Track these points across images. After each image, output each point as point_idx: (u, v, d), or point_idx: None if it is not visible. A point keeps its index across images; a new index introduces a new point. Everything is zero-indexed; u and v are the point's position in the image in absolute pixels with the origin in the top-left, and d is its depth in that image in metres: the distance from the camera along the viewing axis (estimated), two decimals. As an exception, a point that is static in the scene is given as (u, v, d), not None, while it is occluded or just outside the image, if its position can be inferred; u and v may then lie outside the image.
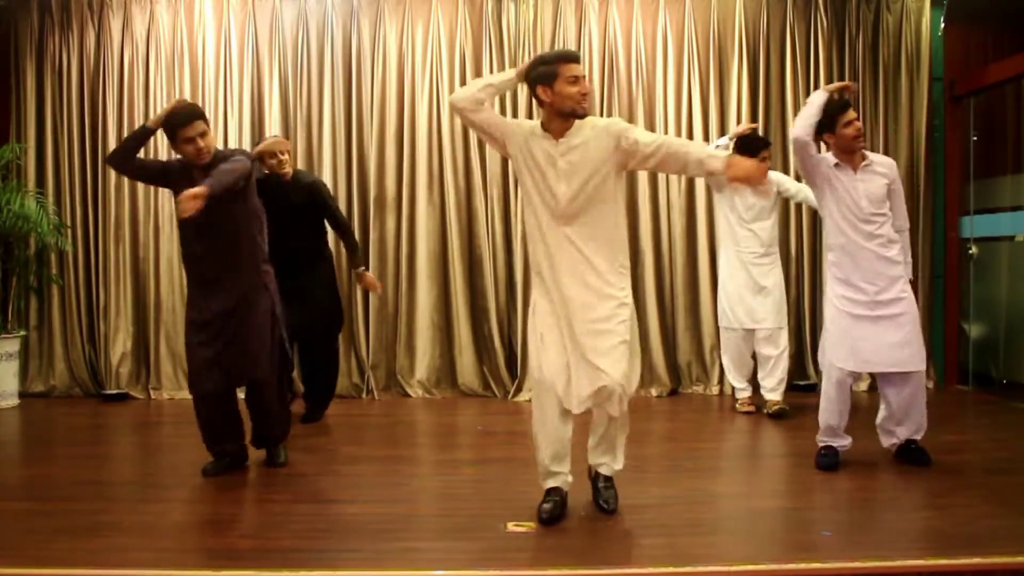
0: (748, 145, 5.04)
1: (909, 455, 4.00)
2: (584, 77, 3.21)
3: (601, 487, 3.42)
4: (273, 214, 4.46)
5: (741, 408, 5.39)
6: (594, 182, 3.14)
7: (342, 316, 5.28)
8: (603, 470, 3.42)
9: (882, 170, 3.97)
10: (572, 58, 3.18)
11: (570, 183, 3.14)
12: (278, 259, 4.31)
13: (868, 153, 4.03)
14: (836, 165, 3.94)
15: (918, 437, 3.99)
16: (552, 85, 3.12)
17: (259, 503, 3.52)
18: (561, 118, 3.16)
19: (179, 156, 3.85)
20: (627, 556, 2.84)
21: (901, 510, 3.44)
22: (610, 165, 3.15)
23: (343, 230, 5.08)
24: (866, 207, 3.88)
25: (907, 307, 3.88)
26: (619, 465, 3.43)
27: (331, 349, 5.23)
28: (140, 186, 6.02)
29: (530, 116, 5.92)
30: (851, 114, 3.92)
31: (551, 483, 3.32)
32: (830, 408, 3.98)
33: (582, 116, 3.17)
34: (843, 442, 4.04)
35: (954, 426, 5.04)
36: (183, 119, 3.71)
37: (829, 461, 3.97)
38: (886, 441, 4.07)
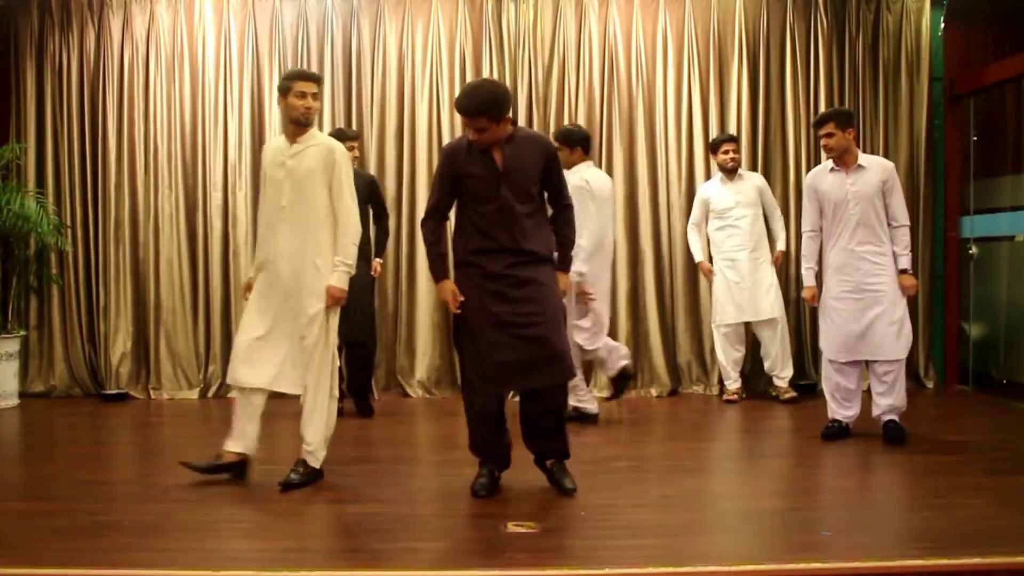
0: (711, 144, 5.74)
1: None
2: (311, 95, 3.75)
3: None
4: None
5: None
6: None
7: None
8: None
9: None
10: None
11: None
12: None
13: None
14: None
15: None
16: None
17: (259, 503, 3.51)
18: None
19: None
20: (627, 556, 2.84)
21: (901, 510, 3.44)
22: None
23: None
24: None
25: None
26: None
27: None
28: (140, 186, 6.03)
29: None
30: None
31: None
32: None
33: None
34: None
35: (954, 426, 5.04)
36: None
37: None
38: None
